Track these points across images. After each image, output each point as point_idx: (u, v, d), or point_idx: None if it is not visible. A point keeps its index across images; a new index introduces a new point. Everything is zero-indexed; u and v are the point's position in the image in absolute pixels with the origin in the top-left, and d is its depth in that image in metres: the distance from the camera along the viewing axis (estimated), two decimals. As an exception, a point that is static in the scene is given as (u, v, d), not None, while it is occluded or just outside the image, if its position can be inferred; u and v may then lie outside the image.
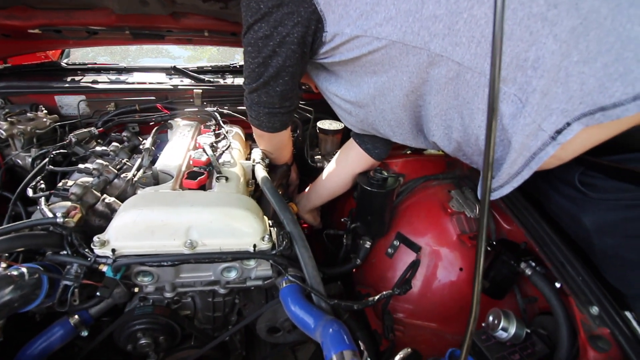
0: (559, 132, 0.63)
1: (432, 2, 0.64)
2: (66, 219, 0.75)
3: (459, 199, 1.10)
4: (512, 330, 0.82)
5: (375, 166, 1.10)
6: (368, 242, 1.14)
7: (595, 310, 0.76)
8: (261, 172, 1.03)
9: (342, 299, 0.84)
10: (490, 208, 1.08)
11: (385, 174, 1.02)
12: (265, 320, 0.90)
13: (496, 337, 0.84)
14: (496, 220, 1.09)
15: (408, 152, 1.21)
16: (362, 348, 0.69)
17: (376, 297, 0.91)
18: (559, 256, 0.86)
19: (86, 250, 0.74)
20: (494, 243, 1.01)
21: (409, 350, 0.87)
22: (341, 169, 1.12)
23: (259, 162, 1.09)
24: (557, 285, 0.85)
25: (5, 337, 0.77)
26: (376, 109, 0.83)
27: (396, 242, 1.13)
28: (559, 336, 0.80)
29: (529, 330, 0.84)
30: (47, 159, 0.98)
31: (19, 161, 1.07)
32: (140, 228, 0.75)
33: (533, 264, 0.90)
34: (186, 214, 0.77)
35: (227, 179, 0.93)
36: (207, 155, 0.99)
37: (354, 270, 1.25)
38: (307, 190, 1.28)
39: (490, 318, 0.86)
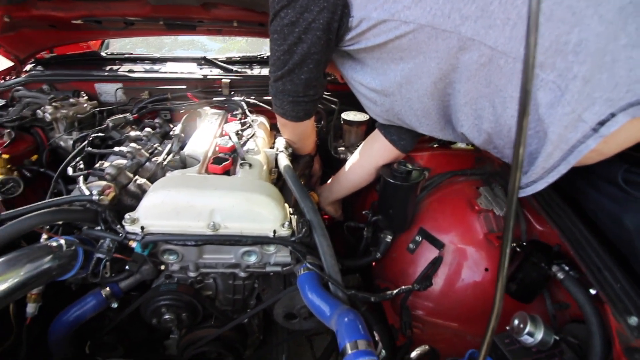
0: (601, 123, 0.58)
1: None
2: (101, 197, 0.80)
3: (488, 196, 1.05)
4: (539, 335, 0.78)
5: (400, 158, 1.07)
6: (389, 236, 1.12)
7: (634, 320, 0.70)
8: (284, 161, 1.04)
9: (360, 291, 0.84)
10: (520, 205, 1.03)
11: (410, 166, 1.00)
12: (283, 305, 0.91)
13: (521, 342, 0.80)
14: (528, 220, 1.03)
15: (435, 145, 1.17)
16: (376, 339, 0.68)
17: (394, 291, 0.90)
18: (596, 260, 0.80)
19: (118, 226, 0.79)
20: (524, 244, 0.96)
21: (427, 347, 0.85)
22: (365, 160, 1.11)
23: (282, 151, 1.10)
24: (592, 291, 0.79)
25: (44, 303, 0.83)
26: (402, 98, 0.81)
27: (418, 238, 1.10)
28: (591, 346, 0.74)
29: (557, 338, 0.79)
30: (86, 142, 1.04)
31: (61, 143, 1.15)
32: (167, 208, 0.78)
33: (566, 268, 0.84)
34: (210, 197, 0.79)
35: (250, 165, 0.95)
36: (232, 142, 1.02)
37: (373, 264, 1.24)
38: (329, 181, 1.28)
39: (516, 322, 0.82)
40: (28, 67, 1.47)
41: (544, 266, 0.87)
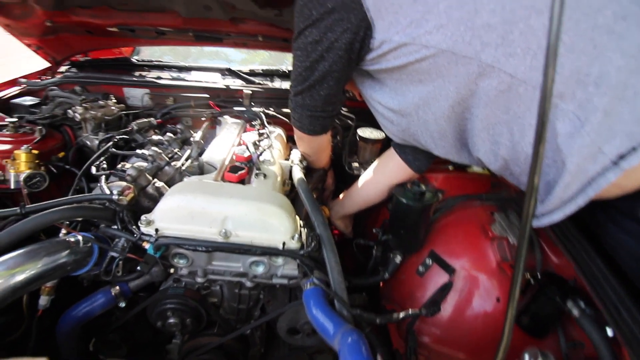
0: (622, 157, 0.57)
1: (486, 11, 0.61)
2: (120, 197, 0.82)
3: (503, 223, 1.03)
4: (549, 375, 0.75)
5: (414, 179, 1.07)
6: (398, 257, 1.11)
7: (654, 366, 0.66)
8: (298, 173, 1.05)
9: (367, 311, 0.83)
10: (536, 234, 1.00)
11: (424, 187, 0.99)
12: (287, 320, 0.91)
13: (531, 379, 0.77)
14: (544, 251, 1.00)
15: (450, 167, 1.16)
16: (380, 362, 0.66)
17: (401, 315, 0.88)
18: (614, 298, 0.77)
19: (133, 227, 0.81)
20: (539, 275, 0.93)
21: (431, 375, 0.83)
22: (378, 178, 1.11)
23: (297, 164, 1.11)
24: (609, 332, 0.75)
25: (57, 296, 0.86)
26: (419, 119, 0.82)
27: (429, 261, 1.08)
28: (606, 391, 0.71)
29: (570, 378, 0.76)
30: (110, 143, 1.09)
31: (87, 142, 1.20)
32: (183, 212, 0.80)
33: (582, 305, 0.81)
34: (224, 204, 0.81)
35: (265, 176, 0.97)
36: (249, 152, 1.04)
37: (381, 284, 1.22)
38: (341, 196, 1.28)
39: (526, 356, 0.79)
40: (63, 68, 1.55)
41: (559, 301, 0.84)
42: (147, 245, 0.78)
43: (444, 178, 1.14)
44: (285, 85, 1.54)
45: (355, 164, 1.35)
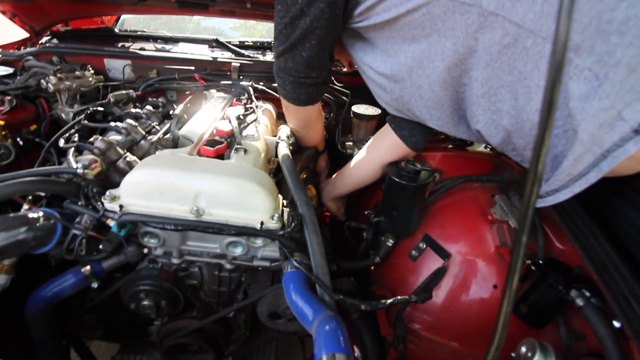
0: None
1: None
2: (85, 171, 0.76)
3: (504, 206, 0.95)
4: (549, 367, 0.68)
5: (410, 157, 0.99)
6: (390, 240, 1.04)
7: (665, 363, 0.59)
8: (283, 149, 0.97)
9: (353, 296, 0.76)
10: (539, 217, 0.92)
11: (419, 166, 0.91)
12: (267, 304, 0.85)
13: (527, 371, 0.71)
14: (547, 236, 0.93)
15: (450, 146, 1.08)
16: (357, 355, 0.60)
17: (388, 301, 0.82)
18: (624, 289, 0.69)
19: (98, 203, 0.74)
20: (540, 262, 0.86)
21: (420, 366, 0.77)
22: (371, 156, 1.03)
23: (283, 140, 1.03)
24: (616, 324, 0.69)
25: (22, 277, 0.81)
26: (412, 85, 0.73)
27: (422, 245, 1.01)
28: (610, 386, 0.64)
29: (571, 371, 0.70)
30: (83, 115, 1.01)
31: (62, 115, 1.13)
32: (150, 187, 0.73)
33: (587, 294, 0.74)
34: (196, 179, 0.74)
35: (245, 151, 0.89)
36: (231, 125, 0.96)
37: (371, 268, 1.16)
38: (333, 176, 1.20)
39: (523, 349, 0.73)
40: (43, 39, 1.47)
41: (562, 289, 0.77)
42: (111, 223, 0.71)
43: (443, 157, 1.06)
44: (277, 58, 1.44)
45: (349, 143, 1.27)
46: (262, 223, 0.74)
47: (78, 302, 0.95)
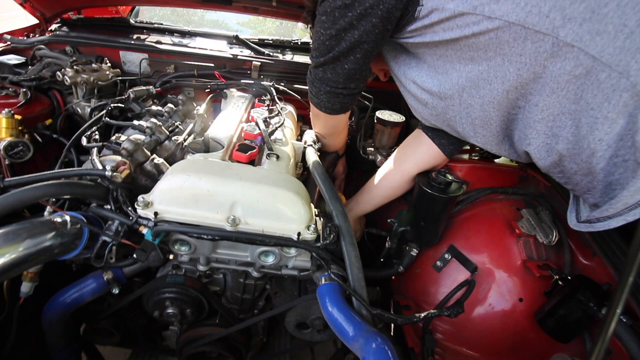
0: None
1: None
2: (114, 174, 0.72)
3: (532, 220, 0.95)
4: (582, 385, 0.69)
5: (441, 167, 0.98)
6: (415, 250, 1.03)
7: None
8: (313, 156, 0.95)
9: (380, 306, 0.75)
10: (565, 233, 0.93)
11: (450, 177, 0.90)
12: (296, 314, 0.84)
13: (559, 389, 0.71)
14: (573, 252, 0.93)
15: (476, 157, 1.07)
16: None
17: (422, 315, 0.81)
18: (657, 309, 0.70)
19: (129, 209, 0.71)
20: (569, 278, 0.87)
21: (451, 380, 0.77)
22: (404, 165, 0.99)
23: (310, 145, 1.01)
24: (649, 343, 0.70)
25: (41, 282, 0.77)
26: (461, 104, 0.71)
27: (447, 256, 1.01)
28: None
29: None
30: (104, 111, 0.97)
31: (78, 109, 1.08)
32: (186, 195, 0.70)
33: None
34: (233, 187, 0.71)
35: (278, 157, 0.87)
36: (260, 129, 0.93)
37: (392, 277, 1.15)
38: (357, 195, 1.14)
39: (555, 364, 0.74)
40: (53, 27, 1.40)
41: (593, 306, 0.78)
42: (144, 230, 0.68)
43: (469, 169, 1.05)
44: (298, 58, 1.41)
45: (371, 149, 1.26)
46: (299, 234, 0.73)
47: (95, 308, 0.92)
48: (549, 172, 0.72)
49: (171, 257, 0.82)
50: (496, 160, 1.07)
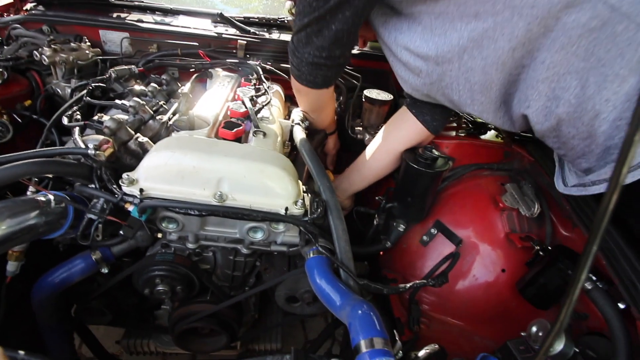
0: None
1: None
2: (97, 152, 0.71)
3: (515, 194, 0.97)
4: (559, 347, 0.73)
5: (426, 143, 0.99)
6: (402, 226, 1.05)
7: (670, 342, 0.64)
8: (300, 134, 0.95)
9: (369, 280, 0.78)
10: (546, 205, 0.95)
11: (436, 153, 0.92)
12: (286, 288, 0.85)
13: (537, 351, 0.75)
14: (554, 224, 0.96)
15: (462, 134, 1.09)
16: (395, 337, 0.62)
17: (407, 285, 0.84)
18: (631, 274, 0.74)
19: (114, 186, 0.71)
20: (549, 248, 0.90)
21: (436, 346, 0.80)
22: (391, 144, 0.99)
23: (298, 123, 1.01)
24: (622, 306, 0.73)
25: (28, 262, 0.77)
26: (460, 68, 0.67)
27: (434, 231, 1.04)
28: (614, 363, 0.69)
29: (577, 350, 0.74)
30: (85, 91, 0.95)
31: (58, 90, 1.05)
32: (171, 171, 0.70)
33: (594, 278, 0.78)
34: (220, 163, 0.71)
35: (264, 134, 0.87)
36: (246, 107, 0.93)
37: (381, 252, 1.18)
38: (346, 172, 1.14)
39: (534, 329, 0.77)
40: (28, 6, 1.34)
41: (571, 274, 0.81)
42: (130, 207, 0.68)
43: (456, 145, 1.07)
44: (285, 37, 1.39)
45: (359, 128, 1.26)
46: (286, 209, 0.73)
47: (85, 288, 0.92)
48: (544, 137, 0.71)
49: (159, 235, 0.83)
50: (482, 137, 1.09)
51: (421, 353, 0.77)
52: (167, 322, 0.98)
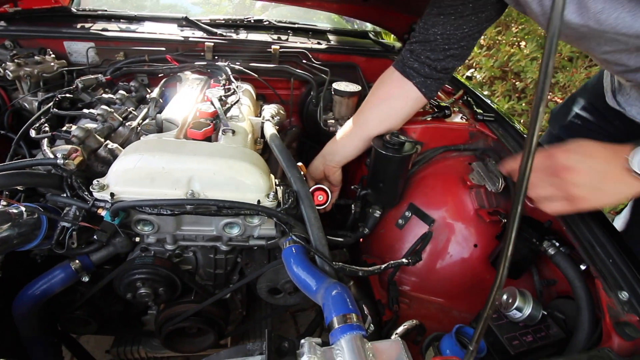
0: None
1: None
2: (66, 161, 0.72)
3: (481, 172, 1.02)
4: (527, 311, 0.77)
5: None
6: (378, 212, 1.09)
7: (624, 295, 0.69)
8: (270, 129, 0.97)
9: (344, 264, 0.80)
10: (512, 181, 1.00)
11: (403, 138, 0.95)
12: (266, 280, 0.87)
13: (509, 317, 0.79)
14: (519, 196, 1.01)
15: (428, 118, 1.12)
16: (365, 312, 0.65)
17: (382, 266, 0.87)
18: (589, 236, 0.79)
19: (85, 193, 0.72)
20: (515, 220, 0.94)
21: (415, 322, 0.83)
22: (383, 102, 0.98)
23: (268, 119, 1.03)
24: (582, 267, 0.78)
25: (7, 276, 0.77)
26: None
27: (408, 213, 1.07)
28: (579, 321, 0.74)
29: (545, 312, 0.79)
30: (52, 102, 0.95)
31: (25, 104, 1.05)
32: (141, 174, 0.71)
33: (557, 244, 0.83)
34: (188, 162, 0.73)
35: (233, 132, 0.88)
36: (215, 107, 0.94)
37: (361, 240, 1.21)
38: (335, 138, 1.07)
39: (505, 297, 0.81)
40: (-12, 22, 1.32)
41: (535, 242, 0.85)
42: (103, 212, 0.69)
43: (423, 130, 1.11)
44: (252, 36, 1.40)
45: (331, 121, 1.28)
46: (258, 201, 0.75)
47: (68, 298, 0.92)
48: None
49: (137, 240, 0.84)
50: (447, 120, 1.13)
51: (399, 329, 0.81)
52: (154, 324, 0.99)
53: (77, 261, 0.82)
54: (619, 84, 1.01)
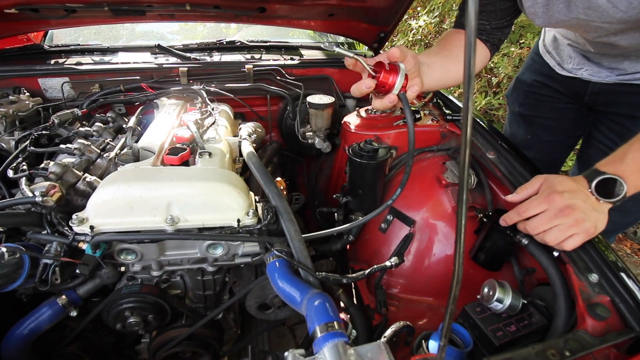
0: None
1: None
2: (45, 198, 0.73)
3: (454, 170, 1.06)
4: (508, 301, 0.80)
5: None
6: (360, 218, 1.11)
7: (594, 277, 0.72)
8: (247, 148, 1.00)
9: (331, 273, 0.82)
10: (485, 175, 1.04)
11: (376, 145, 0.98)
12: (255, 297, 0.89)
13: (491, 309, 0.82)
14: (493, 190, 1.05)
15: (400, 123, 1.16)
16: (346, 320, 0.66)
17: (366, 271, 0.89)
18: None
19: (65, 228, 0.73)
20: (490, 214, 0.98)
21: (402, 323, 0.85)
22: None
23: (245, 138, 1.05)
24: (555, 253, 0.81)
25: (-6, 317, 0.77)
26: None
27: (390, 217, 1.10)
28: (556, 306, 0.77)
29: (525, 301, 0.81)
30: (28, 141, 0.96)
31: (2, 145, 1.05)
32: (119, 204, 0.73)
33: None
34: (165, 188, 0.75)
35: (210, 154, 0.91)
36: (191, 131, 0.96)
37: (347, 247, 1.23)
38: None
39: (485, 289, 0.84)
40: (-40, 65, 1.33)
41: (510, 233, 0.89)
42: (84, 246, 0.71)
43: (396, 135, 1.14)
44: (226, 58, 1.43)
45: (310, 133, 1.32)
46: (238, 220, 0.77)
47: (58, 334, 0.92)
48: None
49: (123, 269, 0.84)
50: (419, 123, 1.17)
51: (388, 332, 0.82)
52: (147, 352, 0.98)
53: (63, 296, 0.82)
54: (560, 56, 1.22)
